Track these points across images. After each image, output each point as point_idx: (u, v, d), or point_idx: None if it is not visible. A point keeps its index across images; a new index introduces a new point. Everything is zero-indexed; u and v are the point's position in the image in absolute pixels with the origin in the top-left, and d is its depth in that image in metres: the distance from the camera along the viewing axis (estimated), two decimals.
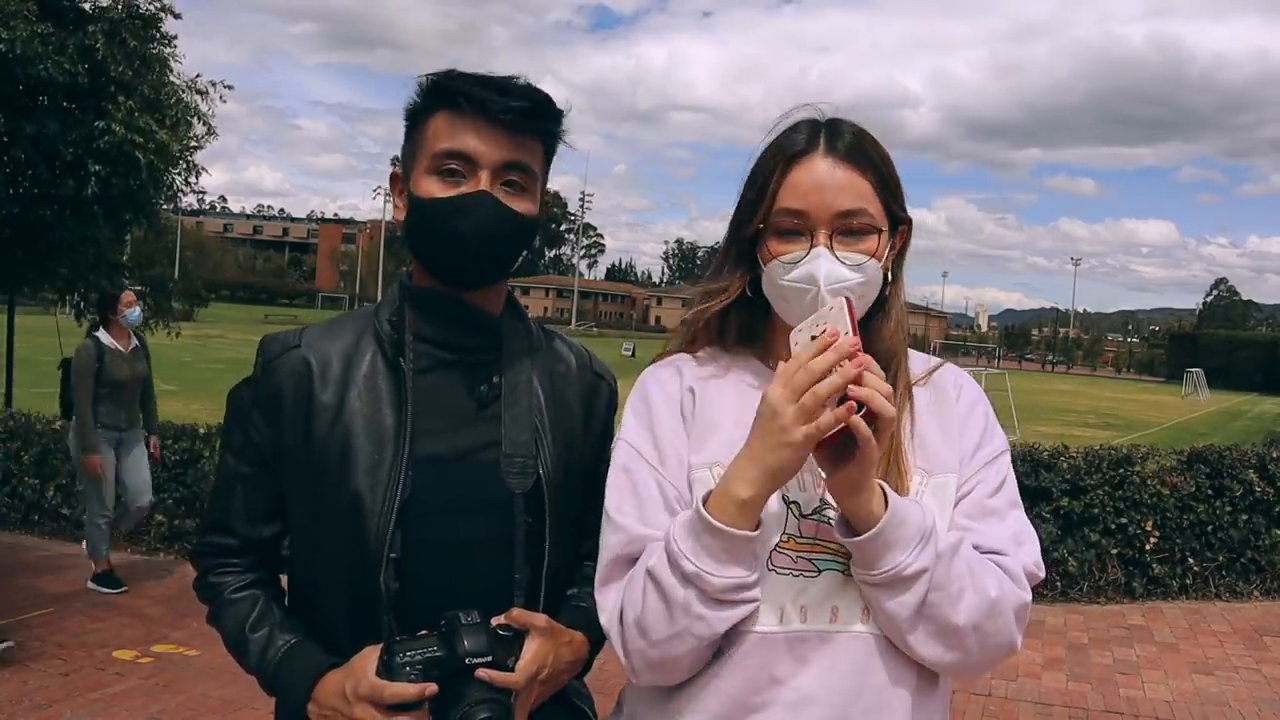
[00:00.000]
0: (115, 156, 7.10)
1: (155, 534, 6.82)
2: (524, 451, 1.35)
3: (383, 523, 1.28)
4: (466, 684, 1.19)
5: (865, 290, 1.20)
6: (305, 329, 1.41)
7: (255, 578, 1.42)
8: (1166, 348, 74.52)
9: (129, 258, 9.50)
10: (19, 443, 7.31)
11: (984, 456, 1.26)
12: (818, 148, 1.21)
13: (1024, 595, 1.19)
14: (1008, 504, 1.25)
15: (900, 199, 1.26)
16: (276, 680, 1.33)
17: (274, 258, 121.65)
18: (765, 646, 1.16)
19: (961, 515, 1.22)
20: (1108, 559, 6.25)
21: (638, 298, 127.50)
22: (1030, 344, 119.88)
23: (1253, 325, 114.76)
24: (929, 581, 1.12)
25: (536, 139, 1.35)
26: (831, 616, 1.16)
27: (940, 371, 1.32)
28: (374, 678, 1.20)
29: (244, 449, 1.39)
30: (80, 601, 5.60)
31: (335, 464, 1.31)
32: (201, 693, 4.33)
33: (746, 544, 1.11)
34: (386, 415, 1.33)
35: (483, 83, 1.30)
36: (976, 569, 1.15)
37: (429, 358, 1.36)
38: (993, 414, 1.32)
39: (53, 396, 6.72)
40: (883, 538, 1.10)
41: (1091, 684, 4.84)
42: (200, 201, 11.22)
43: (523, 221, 1.34)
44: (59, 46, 6.78)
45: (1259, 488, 6.35)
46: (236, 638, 1.38)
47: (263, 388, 1.37)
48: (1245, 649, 5.40)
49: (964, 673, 1.21)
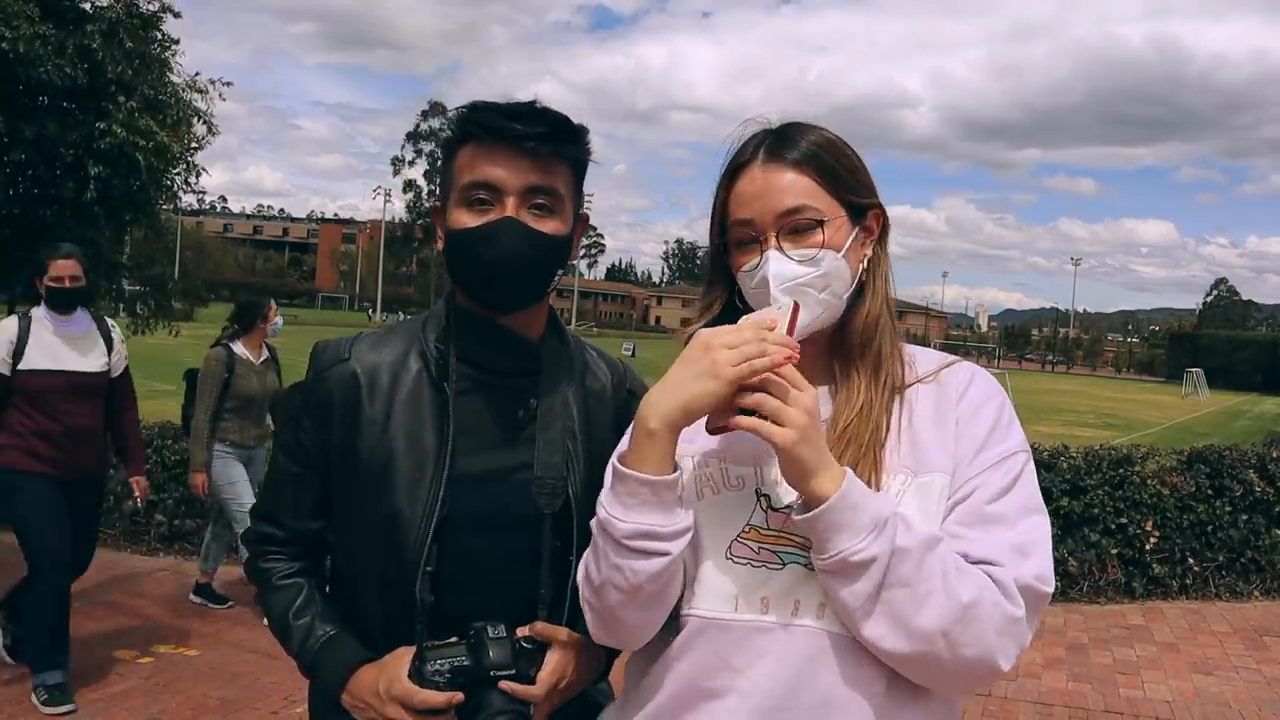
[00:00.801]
0: (115, 157, 7.09)
1: (155, 534, 6.82)
2: (555, 474, 1.42)
3: (420, 537, 1.36)
4: (490, 693, 1.28)
5: (827, 281, 1.22)
6: (356, 339, 1.49)
7: (301, 566, 1.51)
8: (1166, 348, 74.55)
9: (129, 258, 9.49)
10: None
11: (988, 459, 1.20)
12: (757, 157, 1.25)
13: (1010, 609, 1.11)
14: (1018, 509, 1.18)
15: (860, 187, 1.26)
16: (315, 666, 1.42)
17: (274, 258, 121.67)
18: (719, 632, 1.18)
19: (955, 523, 1.17)
20: (1108, 559, 6.25)
21: (638, 298, 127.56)
22: (1030, 344, 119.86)
23: (1253, 325, 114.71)
24: (883, 572, 1.08)
25: (561, 161, 1.40)
26: (794, 610, 1.16)
27: (950, 370, 1.28)
28: (406, 681, 1.29)
29: (294, 450, 1.48)
30: (80, 601, 5.59)
31: (377, 476, 1.39)
32: (201, 693, 4.33)
33: (651, 489, 1.12)
34: (428, 434, 1.40)
35: (501, 111, 1.36)
36: (953, 574, 1.10)
37: (470, 379, 1.43)
38: (1009, 414, 1.25)
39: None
40: (829, 518, 1.09)
41: (1091, 684, 4.84)
42: (200, 201, 11.21)
43: (552, 242, 1.38)
44: (59, 47, 6.78)
45: (1259, 488, 6.36)
46: (281, 622, 1.47)
47: (314, 395, 1.45)
48: (1245, 649, 5.40)
49: (938, 684, 1.15)
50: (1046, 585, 1.16)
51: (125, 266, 8.94)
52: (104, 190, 7.18)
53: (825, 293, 1.22)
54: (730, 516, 1.21)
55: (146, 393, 6.11)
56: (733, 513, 1.21)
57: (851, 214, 1.25)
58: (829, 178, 1.24)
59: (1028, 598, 1.13)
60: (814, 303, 1.22)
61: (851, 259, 1.25)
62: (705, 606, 1.19)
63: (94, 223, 7.56)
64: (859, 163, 1.28)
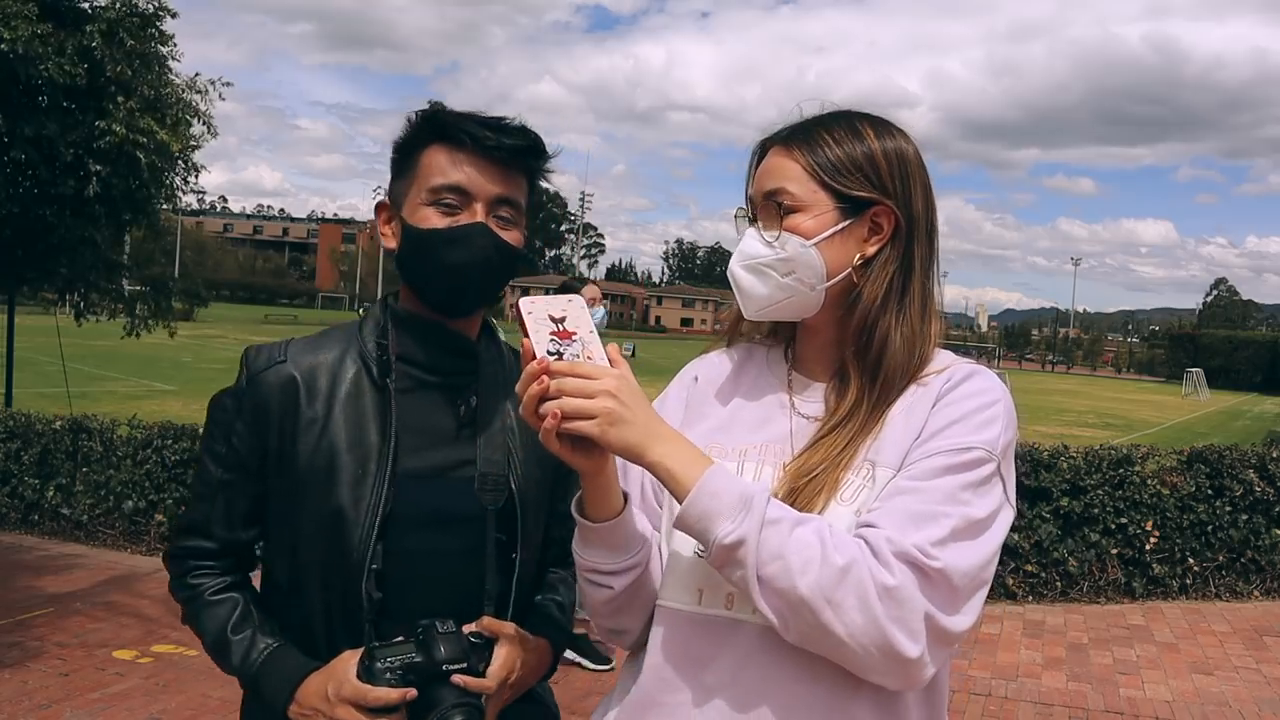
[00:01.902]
0: (115, 157, 7.09)
1: (155, 534, 6.81)
2: (498, 470, 1.43)
3: (365, 535, 1.36)
4: (442, 688, 1.28)
5: (791, 267, 1.21)
6: (289, 343, 1.47)
7: (233, 580, 1.47)
8: (1166, 348, 74.51)
9: (129, 258, 9.50)
10: (19, 443, 7.30)
11: (940, 445, 1.12)
12: (779, 137, 1.28)
13: (882, 575, 1.03)
14: (942, 495, 1.08)
15: (859, 179, 1.21)
16: (259, 682, 1.39)
17: (274, 258, 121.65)
18: (684, 624, 1.19)
19: (875, 499, 1.12)
20: (1108, 559, 6.25)
21: (638, 298, 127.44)
22: (1030, 344, 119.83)
23: (1253, 325, 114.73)
24: (757, 551, 1.04)
25: (524, 176, 1.43)
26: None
27: (948, 369, 1.23)
28: (356, 681, 1.28)
29: (226, 456, 1.43)
30: (80, 601, 5.59)
31: (320, 477, 1.38)
32: (201, 693, 4.33)
33: (594, 532, 1.18)
34: (370, 432, 1.39)
35: (478, 120, 1.38)
36: (829, 540, 1.05)
37: (411, 379, 1.43)
38: (991, 414, 1.15)
39: (53, 397, 6.72)
40: (696, 509, 1.06)
41: (1091, 684, 4.84)
42: (200, 201, 11.23)
43: (514, 252, 1.41)
44: (58, 47, 6.78)
45: (1259, 488, 6.35)
46: (217, 639, 1.43)
47: (248, 398, 1.42)
48: (1245, 649, 5.40)
49: (854, 666, 1.07)
50: (937, 559, 1.04)
51: (125, 266, 8.94)
52: (104, 189, 7.18)
53: (789, 278, 1.22)
54: None
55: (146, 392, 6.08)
56: None
57: (842, 205, 1.22)
58: (818, 164, 1.22)
59: (907, 564, 1.04)
60: (774, 286, 1.22)
61: (833, 251, 1.21)
62: (672, 598, 1.21)
63: (93, 222, 7.56)
64: (877, 155, 1.22)
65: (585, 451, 1.11)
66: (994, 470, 1.12)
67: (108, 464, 7.01)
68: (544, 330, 1.13)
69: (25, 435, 7.31)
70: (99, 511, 6.97)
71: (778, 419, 1.27)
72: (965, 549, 1.07)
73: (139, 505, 6.85)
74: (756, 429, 1.27)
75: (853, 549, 1.05)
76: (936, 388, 1.20)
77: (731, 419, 1.30)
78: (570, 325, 1.15)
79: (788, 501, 1.14)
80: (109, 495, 6.94)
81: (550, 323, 1.14)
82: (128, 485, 6.89)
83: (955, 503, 1.09)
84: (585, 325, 1.15)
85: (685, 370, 1.40)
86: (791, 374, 1.31)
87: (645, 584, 1.23)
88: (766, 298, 1.24)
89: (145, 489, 6.86)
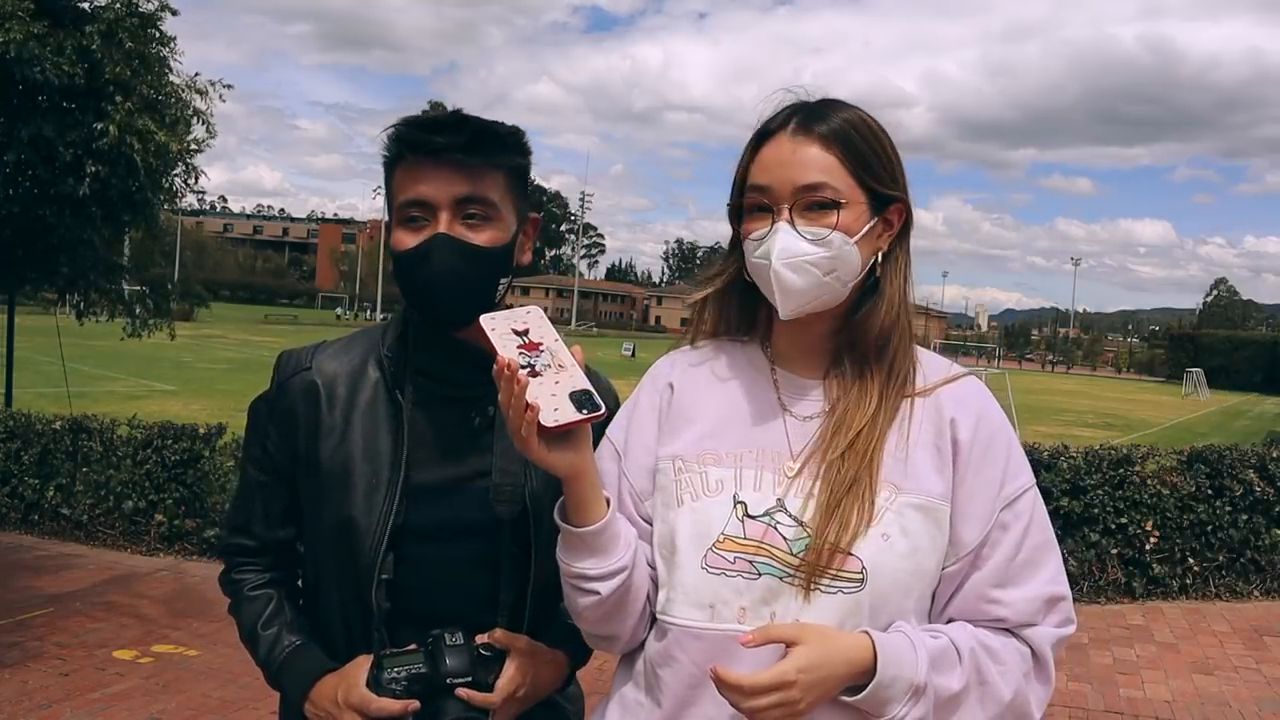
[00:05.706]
0: (114, 157, 7.08)
1: (155, 534, 6.81)
2: (513, 481, 1.41)
3: (375, 544, 1.37)
4: (447, 701, 1.29)
5: (834, 265, 1.18)
6: (318, 348, 1.50)
7: (272, 576, 1.52)
8: (1166, 348, 74.41)
9: (128, 259, 9.50)
10: (19, 443, 7.30)
11: (1005, 498, 1.20)
12: (788, 126, 1.22)
13: (1044, 689, 1.20)
14: (1040, 547, 1.21)
15: (886, 177, 1.22)
16: (279, 677, 1.44)
17: (273, 258, 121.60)
18: (694, 641, 1.18)
19: (989, 584, 1.18)
20: (1108, 559, 6.25)
21: (638, 298, 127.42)
22: (1030, 344, 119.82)
23: (1253, 325, 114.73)
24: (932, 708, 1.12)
25: (492, 169, 1.37)
26: (770, 621, 1.15)
27: (951, 388, 1.24)
28: (363, 689, 1.31)
29: (261, 459, 1.48)
30: (80, 601, 5.60)
31: (337, 483, 1.40)
32: (201, 693, 4.33)
33: (577, 539, 1.19)
34: (384, 443, 1.41)
35: (422, 125, 1.35)
36: (991, 679, 1.15)
37: (425, 391, 1.44)
38: (1013, 444, 1.24)
39: (52, 397, 6.72)
40: (875, 697, 1.10)
41: (1091, 684, 4.84)
42: (200, 202, 11.22)
43: (488, 253, 1.36)
44: (56, 47, 6.77)
45: (1259, 488, 6.35)
46: (250, 632, 1.48)
47: (277, 404, 1.46)
48: (1245, 649, 5.40)
49: None
50: (1072, 625, 1.22)
51: (124, 267, 8.95)
52: (102, 190, 7.17)
53: (830, 276, 1.18)
54: (706, 526, 1.19)
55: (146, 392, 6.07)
56: (709, 522, 1.19)
57: (873, 202, 1.21)
58: (855, 160, 1.20)
59: (1059, 649, 1.20)
60: (814, 283, 1.18)
61: (864, 248, 1.20)
62: (682, 615, 1.19)
63: (92, 223, 7.56)
64: (891, 152, 1.23)
65: (564, 456, 1.14)
66: (1035, 486, 1.24)
67: (108, 464, 7.01)
68: (510, 345, 1.15)
69: (25, 435, 7.31)
70: (99, 511, 6.97)
71: (770, 421, 1.25)
72: (1067, 584, 1.27)
73: (139, 505, 6.85)
74: (749, 433, 1.24)
75: (1013, 678, 1.18)
76: (946, 413, 1.22)
77: (720, 423, 1.26)
78: (535, 336, 1.17)
79: (830, 510, 1.15)
80: (109, 495, 6.94)
81: (515, 336, 1.16)
82: (128, 485, 6.89)
83: (1049, 549, 1.24)
84: (550, 334, 1.17)
85: (655, 373, 1.35)
86: (777, 372, 1.28)
87: (632, 589, 1.22)
88: (806, 295, 1.19)
89: (145, 489, 6.86)
